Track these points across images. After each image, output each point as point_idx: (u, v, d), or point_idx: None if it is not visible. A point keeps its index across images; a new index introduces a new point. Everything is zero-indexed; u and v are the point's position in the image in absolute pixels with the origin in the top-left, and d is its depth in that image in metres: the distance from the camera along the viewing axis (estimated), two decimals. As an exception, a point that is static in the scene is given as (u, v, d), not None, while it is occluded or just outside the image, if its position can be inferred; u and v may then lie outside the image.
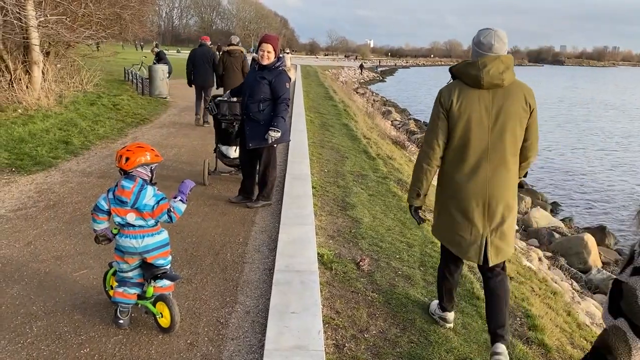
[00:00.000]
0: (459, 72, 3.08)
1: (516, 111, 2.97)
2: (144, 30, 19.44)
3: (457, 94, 3.02)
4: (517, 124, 2.98)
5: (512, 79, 3.01)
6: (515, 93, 2.99)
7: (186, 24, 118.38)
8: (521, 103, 2.99)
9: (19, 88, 10.72)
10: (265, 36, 5.45)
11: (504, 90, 2.99)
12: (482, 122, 2.98)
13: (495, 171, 3.01)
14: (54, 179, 6.59)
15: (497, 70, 2.94)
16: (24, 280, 3.82)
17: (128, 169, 3.12)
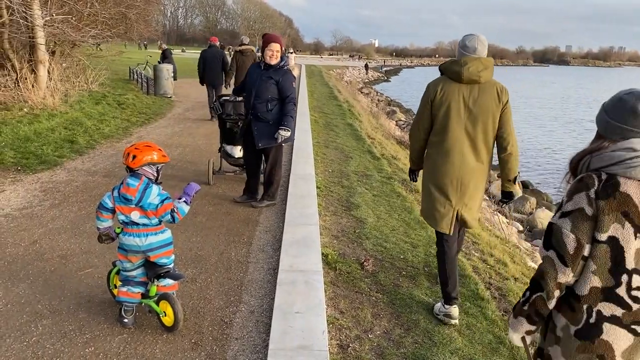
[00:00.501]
0: (445, 68, 3.58)
1: (489, 105, 3.44)
2: (149, 29, 19.52)
3: (441, 86, 3.51)
4: (489, 116, 3.45)
5: (489, 78, 3.49)
6: (490, 90, 3.46)
7: (191, 23, 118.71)
8: (494, 98, 3.45)
9: (24, 87, 10.78)
10: (273, 36, 5.45)
11: (480, 87, 3.46)
12: (459, 111, 3.47)
13: (466, 155, 3.51)
14: (59, 177, 6.61)
15: (476, 69, 3.41)
16: (29, 278, 3.84)
17: (134, 167, 3.13)
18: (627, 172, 1.85)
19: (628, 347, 1.89)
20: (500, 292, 4.48)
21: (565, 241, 1.88)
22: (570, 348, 1.94)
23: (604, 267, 1.87)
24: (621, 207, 1.84)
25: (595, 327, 1.89)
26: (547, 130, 28.55)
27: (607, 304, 1.88)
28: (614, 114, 1.97)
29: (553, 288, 1.93)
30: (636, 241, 1.85)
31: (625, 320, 1.87)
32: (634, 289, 1.86)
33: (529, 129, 28.46)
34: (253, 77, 5.43)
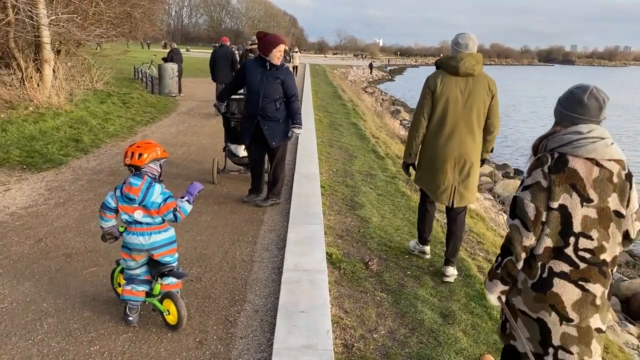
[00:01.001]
0: (442, 63, 4.09)
1: (481, 95, 4.00)
2: (153, 28, 19.56)
3: (440, 79, 4.02)
4: (481, 104, 4.02)
5: (481, 71, 4.03)
6: (482, 81, 4.01)
7: (195, 22, 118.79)
8: (485, 89, 4.02)
9: (30, 86, 10.81)
10: (280, 37, 5.48)
11: (474, 79, 4.00)
12: (457, 101, 4.00)
13: (464, 138, 4.05)
14: (64, 176, 6.63)
15: (470, 64, 3.95)
16: (34, 277, 3.85)
17: (142, 164, 3.12)
18: (574, 152, 2.25)
19: (577, 301, 2.23)
20: (505, 292, 4.46)
21: (527, 210, 2.26)
22: (529, 298, 2.33)
23: (556, 230, 2.25)
24: (569, 180, 2.23)
25: (547, 281, 2.27)
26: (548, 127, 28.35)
27: (557, 261, 2.26)
28: (566, 104, 2.37)
29: (520, 251, 2.29)
30: (582, 209, 2.22)
31: (573, 276, 2.24)
32: (580, 249, 2.22)
33: (534, 129, 28.39)
34: (257, 78, 5.36)
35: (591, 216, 2.22)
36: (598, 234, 2.23)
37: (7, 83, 10.80)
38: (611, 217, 2.24)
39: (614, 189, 2.25)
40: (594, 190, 2.23)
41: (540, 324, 2.30)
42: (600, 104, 2.29)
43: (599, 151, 2.23)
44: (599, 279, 2.24)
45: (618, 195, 2.25)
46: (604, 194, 2.23)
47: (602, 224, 2.23)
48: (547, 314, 2.28)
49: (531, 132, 26.72)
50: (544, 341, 2.31)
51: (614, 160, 2.26)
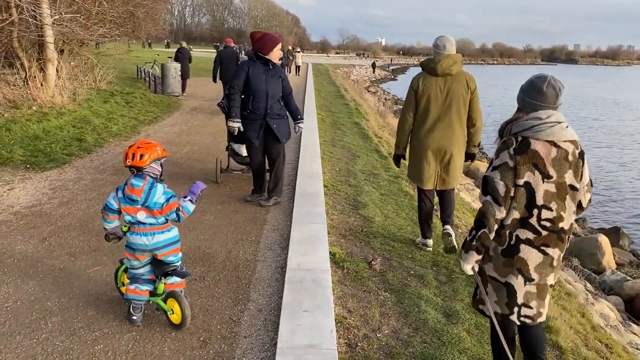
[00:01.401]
0: (424, 65, 4.61)
1: (460, 92, 4.45)
2: (156, 28, 19.56)
3: (422, 80, 4.52)
4: (460, 100, 4.46)
5: (459, 70, 4.46)
6: (460, 79, 4.45)
7: (198, 22, 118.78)
8: (464, 86, 4.45)
9: (33, 85, 10.83)
10: (277, 36, 5.57)
11: (452, 77, 4.45)
12: (437, 98, 4.48)
13: (444, 132, 4.52)
14: (67, 175, 6.64)
15: (447, 64, 4.40)
16: (38, 276, 3.86)
17: (143, 165, 3.11)
18: (535, 135, 2.55)
19: (539, 263, 2.59)
20: (509, 292, 4.46)
21: (497, 187, 2.56)
22: (498, 264, 2.67)
23: (522, 203, 2.57)
24: (532, 160, 2.53)
25: (515, 248, 2.60)
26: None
27: (523, 230, 2.59)
28: (527, 93, 2.66)
29: (493, 223, 2.57)
30: (543, 184, 2.55)
31: (536, 242, 2.58)
32: (542, 219, 2.56)
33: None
34: (261, 79, 5.36)
35: (551, 190, 2.56)
36: (557, 205, 2.58)
37: (10, 82, 10.83)
38: (567, 191, 2.59)
39: (569, 166, 2.59)
40: (553, 168, 2.56)
41: (508, 287, 2.67)
42: (557, 92, 2.62)
43: (556, 134, 2.56)
44: (557, 244, 2.60)
45: (573, 172, 2.59)
46: (561, 171, 2.57)
47: (560, 197, 2.58)
48: (514, 277, 2.64)
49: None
50: (510, 302, 2.68)
51: (569, 141, 2.59)
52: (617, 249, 10.17)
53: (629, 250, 10.66)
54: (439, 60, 4.42)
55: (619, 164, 19.78)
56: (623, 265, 9.57)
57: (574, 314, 4.84)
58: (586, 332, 4.47)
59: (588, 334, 4.43)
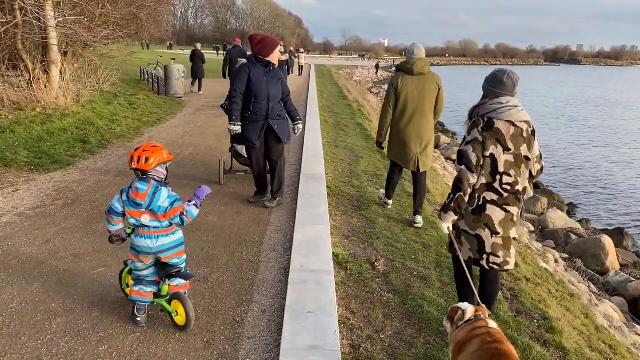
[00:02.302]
0: (401, 67, 5.53)
1: (431, 88, 5.42)
2: (159, 30, 19.58)
3: (400, 79, 5.43)
4: (432, 95, 5.43)
5: (429, 71, 5.45)
6: (431, 78, 5.44)
7: (201, 23, 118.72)
8: (434, 84, 5.44)
9: (37, 87, 10.87)
10: (277, 39, 5.67)
11: (425, 77, 5.43)
12: (413, 94, 5.40)
13: (420, 121, 5.45)
14: (72, 177, 6.67)
15: (421, 66, 5.39)
16: (43, 277, 3.88)
17: (149, 169, 3.10)
18: (498, 116, 3.19)
19: (502, 219, 3.25)
20: (512, 293, 4.46)
21: (470, 158, 3.19)
22: (469, 220, 3.31)
23: (487, 171, 3.21)
24: (495, 136, 3.18)
25: (482, 207, 3.26)
26: (559, 131, 28.31)
27: (489, 192, 3.24)
28: (491, 83, 3.30)
29: (467, 187, 3.18)
30: (504, 156, 3.19)
31: (499, 202, 3.24)
32: (504, 184, 3.21)
33: (544, 131, 28.29)
34: (263, 80, 5.39)
35: (510, 160, 3.21)
36: (514, 172, 3.22)
37: (14, 85, 10.86)
38: (523, 161, 3.24)
39: (524, 141, 3.23)
40: (512, 142, 3.20)
41: (478, 238, 3.31)
42: (514, 82, 3.25)
43: (513, 115, 3.20)
44: (516, 203, 3.27)
45: (527, 145, 3.24)
46: (517, 145, 3.21)
47: (517, 165, 3.22)
48: (482, 230, 3.28)
49: (537, 132, 26.62)
50: (480, 250, 3.32)
51: (524, 121, 3.24)
52: (620, 250, 10.14)
53: (633, 251, 10.62)
54: (414, 63, 5.39)
55: (622, 164, 19.72)
56: (627, 266, 9.54)
57: (578, 315, 4.83)
58: (590, 333, 4.46)
59: (592, 335, 4.43)
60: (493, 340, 2.44)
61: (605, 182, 16.81)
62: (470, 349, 2.47)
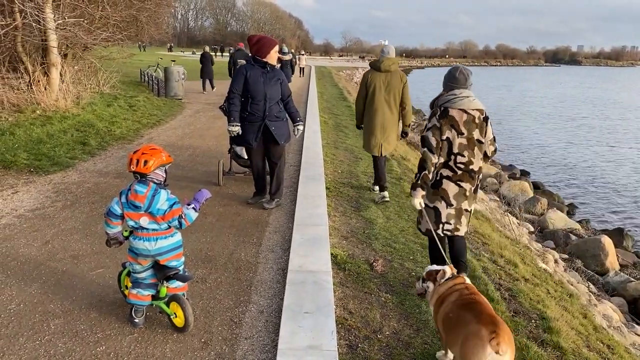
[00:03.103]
0: (372, 64, 6.42)
1: (396, 84, 6.20)
2: (159, 31, 19.60)
3: (371, 75, 6.29)
4: (397, 90, 6.20)
5: (396, 69, 6.26)
6: (396, 75, 6.23)
7: (201, 25, 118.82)
8: (399, 80, 6.21)
9: (37, 90, 10.89)
10: (273, 39, 5.61)
11: (391, 74, 6.23)
12: (380, 88, 6.21)
13: (385, 112, 6.24)
14: (71, 179, 6.68)
15: (388, 64, 6.20)
16: (41, 278, 3.89)
17: (148, 171, 3.10)
18: (452, 105, 3.73)
19: (456, 193, 3.82)
20: (510, 293, 4.46)
21: (431, 142, 3.73)
22: (429, 194, 3.89)
23: (444, 151, 3.76)
24: (450, 122, 3.71)
25: (439, 182, 3.83)
26: (559, 132, 28.32)
27: (445, 169, 3.80)
28: (447, 78, 3.87)
29: (430, 166, 3.72)
30: (458, 139, 3.72)
31: (453, 178, 3.79)
32: (458, 163, 3.76)
33: (538, 132, 28.30)
34: (260, 81, 5.39)
35: (463, 143, 3.74)
36: (468, 153, 3.76)
37: (14, 87, 10.89)
38: (475, 143, 3.77)
39: (476, 126, 3.75)
40: (464, 127, 3.73)
41: (435, 210, 3.89)
42: (465, 76, 3.80)
43: (465, 104, 3.73)
44: (469, 180, 3.80)
45: (479, 130, 3.76)
46: (470, 130, 3.74)
47: (470, 147, 3.75)
48: (439, 202, 3.86)
49: (535, 135, 26.67)
50: (437, 220, 3.90)
51: (476, 109, 3.75)
52: (620, 250, 10.13)
53: (633, 251, 10.62)
54: (382, 61, 6.23)
55: (622, 164, 19.72)
56: (627, 266, 9.53)
57: (576, 315, 4.83)
58: (588, 333, 4.46)
59: (590, 335, 4.42)
60: (470, 292, 2.96)
61: (605, 182, 16.80)
62: (451, 299, 2.95)
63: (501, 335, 2.51)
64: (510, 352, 2.52)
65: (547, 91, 58.82)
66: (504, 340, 2.51)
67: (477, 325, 2.61)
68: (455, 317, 2.79)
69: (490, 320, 2.63)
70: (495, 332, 2.52)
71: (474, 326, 2.62)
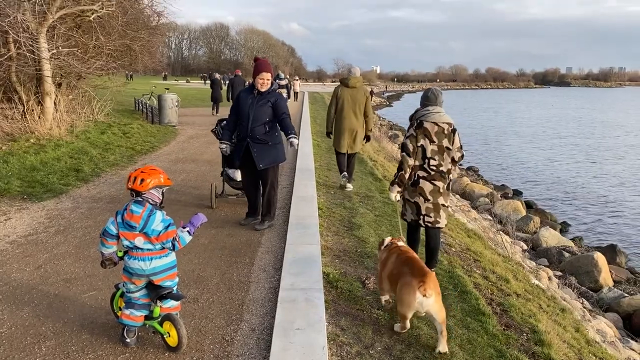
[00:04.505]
0: (341, 81, 7.92)
1: (361, 98, 7.79)
2: (153, 61, 19.84)
3: (340, 90, 7.83)
4: (361, 102, 7.80)
5: (361, 85, 7.88)
6: (361, 90, 7.81)
7: (195, 54, 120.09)
8: (362, 94, 7.80)
9: (31, 118, 10.98)
10: (265, 66, 5.57)
11: (356, 89, 7.79)
12: (348, 101, 7.76)
13: (352, 120, 7.81)
14: (64, 205, 6.71)
15: (354, 82, 7.79)
16: (33, 302, 3.89)
17: (143, 190, 3.14)
18: (426, 119, 4.57)
19: (431, 190, 4.60)
20: (502, 308, 4.48)
21: (408, 147, 4.55)
22: (409, 191, 4.68)
23: (420, 156, 4.57)
24: (424, 132, 4.54)
25: (417, 181, 4.62)
26: (551, 152, 28.56)
27: (421, 171, 4.60)
28: (422, 97, 4.74)
29: (407, 167, 4.56)
30: (430, 146, 4.54)
31: (428, 178, 4.59)
32: (431, 166, 4.56)
33: (530, 153, 28.54)
34: (247, 103, 5.54)
35: (435, 149, 4.56)
36: (438, 157, 4.58)
37: (8, 116, 10.97)
38: (444, 150, 4.59)
39: (445, 136, 4.58)
40: (436, 137, 4.55)
41: (415, 204, 4.69)
42: (436, 96, 4.65)
43: (437, 118, 4.57)
44: (441, 179, 4.61)
45: (447, 139, 4.58)
46: (440, 139, 4.57)
47: (440, 153, 4.58)
48: (418, 198, 4.65)
49: (528, 156, 26.91)
50: (418, 213, 4.70)
51: (445, 122, 4.59)
52: (614, 267, 10.17)
53: (626, 267, 10.66)
54: (350, 79, 7.84)
55: (614, 182, 19.88)
56: (620, 282, 9.56)
57: (569, 329, 4.85)
58: (580, 346, 4.48)
59: (582, 348, 4.44)
60: (405, 252, 3.89)
61: (596, 199, 16.93)
62: (391, 260, 3.85)
63: (427, 283, 3.35)
64: (435, 295, 3.38)
65: (540, 112, 59.42)
66: (430, 286, 3.35)
67: (410, 277, 3.46)
68: (396, 272, 3.69)
69: (420, 272, 3.47)
70: (422, 282, 3.36)
71: (407, 278, 3.48)
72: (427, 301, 3.33)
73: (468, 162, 23.42)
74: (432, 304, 3.35)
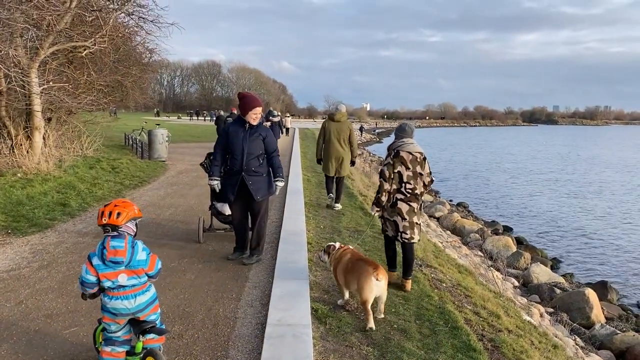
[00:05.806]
0: (328, 115, 9.55)
1: (345, 130, 9.17)
2: (144, 97, 19.97)
3: (327, 123, 9.24)
4: (345, 134, 9.16)
5: (345, 119, 9.31)
6: (345, 124, 9.22)
7: (187, 91, 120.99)
8: (347, 127, 9.21)
9: (19, 153, 10.91)
10: (257, 101, 5.71)
11: (341, 122, 9.19)
12: (334, 132, 9.13)
13: (338, 149, 9.14)
14: (49, 239, 6.59)
15: (339, 116, 9.21)
16: (12, 338, 3.77)
17: (120, 224, 3.08)
18: (402, 149, 5.30)
19: (407, 210, 5.29)
20: (493, 344, 4.41)
21: (385, 173, 5.23)
22: (389, 211, 5.40)
23: (397, 181, 5.26)
24: (400, 160, 5.26)
25: (395, 203, 5.30)
26: (538, 187, 28.79)
27: (398, 194, 5.29)
28: (397, 130, 5.54)
29: (384, 191, 5.23)
30: (406, 172, 5.24)
31: (405, 200, 5.28)
32: (407, 189, 5.26)
33: (523, 187, 28.76)
34: (239, 137, 5.57)
35: (410, 175, 5.23)
36: (414, 182, 5.25)
37: (-3, 151, 10.90)
38: (418, 175, 5.27)
39: (417, 164, 5.27)
40: (410, 164, 5.23)
41: (395, 223, 5.32)
42: (411, 129, 5.48)
43: (411, 148, 5.28)
44: (415, 200, 5.29)
45: (420, 166, 5.27)
46: (414, 166, 5.25)
47: (414, 178, 5.26)
48: (397, 217, 5.29)
49: (517, 192, 27.11)
50: (396, 230, 5.32)
51: (418, 152, 5.28)
52: (605, 303, 10.11)
53: (618, 304, 10.60)
54: (335, 114, 9.17)
55: (603, 218, 20.00)
56: (612, 319, 9.48)
57: (561, 365, 4.77)
58: (574, 383, 4.39)
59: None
60: (356, 253, 4.77)
61: (586, 235, 16.97)
62: (346, 258, 4.64)
63: (379, 269, 4.29)
64: (384, 280, 4.32)
65: (528, 149, 60.23)
66: (382, 272, 4.30)
67: (366, 266, 4.34)
68: (352, 266, 4.47)
69: (373, 263, 4.42)
70: (376, 269, 4.27)
71: (364, 267, 4.33)
72: (379, 284, 4.26)
73: (458, 198, 23.51)
74: (383, 286, 4.32)
